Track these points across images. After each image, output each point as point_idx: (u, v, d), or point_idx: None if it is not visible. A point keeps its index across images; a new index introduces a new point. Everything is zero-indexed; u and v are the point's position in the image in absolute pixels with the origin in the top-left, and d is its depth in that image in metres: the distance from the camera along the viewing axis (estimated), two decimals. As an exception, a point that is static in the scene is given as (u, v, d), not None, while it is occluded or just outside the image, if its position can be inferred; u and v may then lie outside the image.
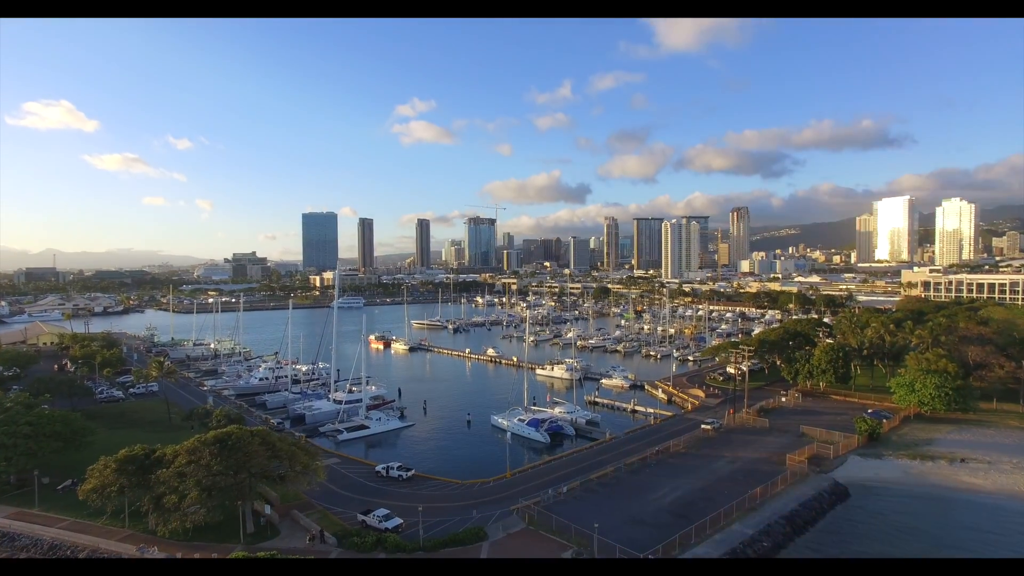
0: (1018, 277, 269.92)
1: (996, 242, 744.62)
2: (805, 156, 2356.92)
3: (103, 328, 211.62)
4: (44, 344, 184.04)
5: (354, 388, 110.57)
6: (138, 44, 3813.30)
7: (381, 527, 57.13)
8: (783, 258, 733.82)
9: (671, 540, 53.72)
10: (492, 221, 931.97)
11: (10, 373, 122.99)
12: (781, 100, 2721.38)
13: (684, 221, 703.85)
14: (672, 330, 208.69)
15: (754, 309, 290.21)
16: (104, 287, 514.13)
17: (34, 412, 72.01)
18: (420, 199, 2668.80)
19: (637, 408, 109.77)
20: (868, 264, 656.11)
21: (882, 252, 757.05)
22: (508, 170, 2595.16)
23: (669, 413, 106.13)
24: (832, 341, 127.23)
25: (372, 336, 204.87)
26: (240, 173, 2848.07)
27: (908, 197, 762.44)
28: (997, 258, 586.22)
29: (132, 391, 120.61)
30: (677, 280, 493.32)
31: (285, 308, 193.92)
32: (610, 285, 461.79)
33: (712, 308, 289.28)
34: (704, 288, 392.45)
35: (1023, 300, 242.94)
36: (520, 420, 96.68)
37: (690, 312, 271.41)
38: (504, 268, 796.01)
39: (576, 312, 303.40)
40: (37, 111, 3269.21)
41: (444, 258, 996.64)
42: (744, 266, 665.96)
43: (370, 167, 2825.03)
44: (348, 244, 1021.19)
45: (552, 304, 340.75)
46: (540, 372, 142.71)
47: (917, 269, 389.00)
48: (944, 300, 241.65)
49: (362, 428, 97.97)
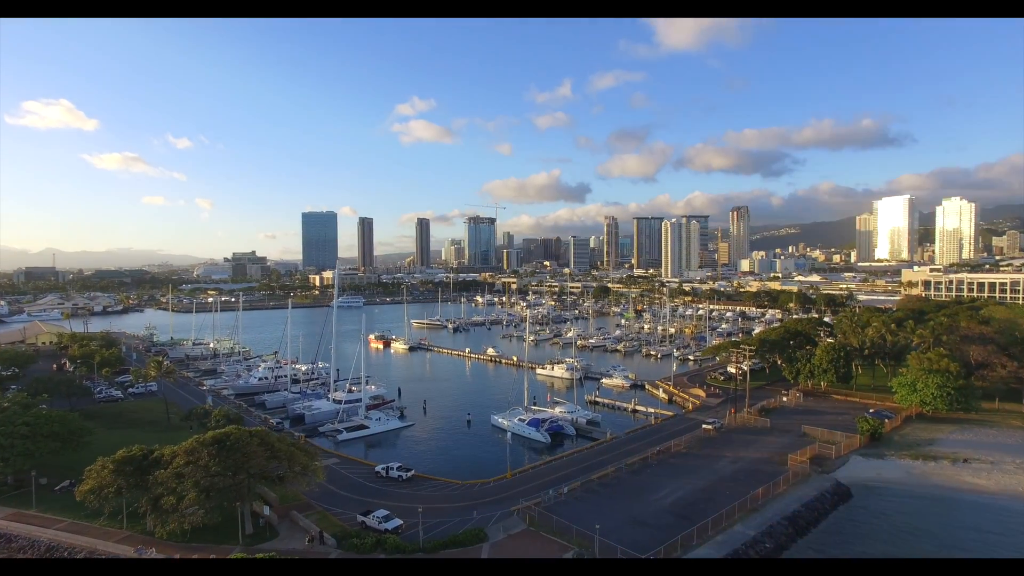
0: (1018, 276, 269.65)
1: (996, 241, 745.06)
2: (805, 155, 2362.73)
3: (102, 328, 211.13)
4: (43, 344, 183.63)
5: (354, 388, 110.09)
6: (138, 43, 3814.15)
7: (381, 528, 56.73)
8: (783, 257, 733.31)
9: (673, 541, 53.36)
10: (492, 220, 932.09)
11: (8, 373, 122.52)
12: (781, 99, 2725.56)
13: (684, 220, 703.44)
14: (672, 329, 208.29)
15: (754, 308, 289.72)
16: (103, 286, 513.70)
17: (32, 412, 71.46)
18: (420, 198, 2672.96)
19: (638, 408, 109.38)
20: (868, 263, 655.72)
21: (882, 251, 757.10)
22: (508, 169, 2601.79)
23: (670, 413, 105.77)
24: (833, 340, 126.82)
25: (372, 336, 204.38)
26: (240, 172, 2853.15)
27: (908, 196, 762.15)
28: (997, 257, 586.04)
29: (131, 391, 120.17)
30: (677, 279, 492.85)
31: (284, 307, 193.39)
32: (610, 284, 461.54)
33: (712, 307, 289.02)
34: (704, 287, 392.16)
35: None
36: (520, 420, 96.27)
37: (690, 311, 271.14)
38: (504, 267, 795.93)
39: (576, 311, 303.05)
40: (37, 110, 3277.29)
41: (444, 257, 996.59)
42: (744, 265, 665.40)
43: (370, 166, 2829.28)
44: (348, 243, 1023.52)
45: (552, 303, 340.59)
46: (540, 372, 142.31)
47: (917, 268, 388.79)
48: (945, 299, 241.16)
49: (362, 428, 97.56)
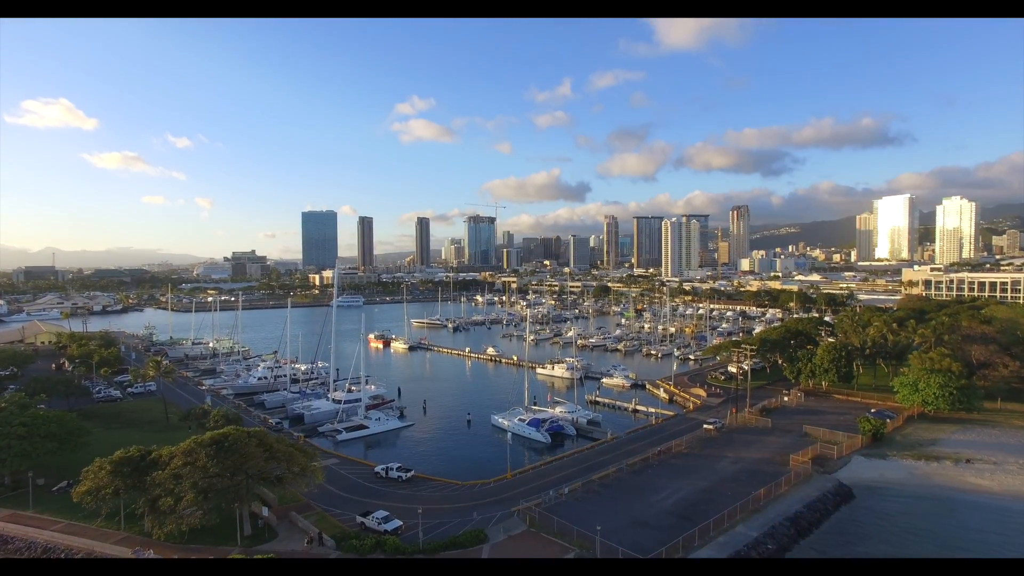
0: (1019, 276, 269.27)
1: (996, 240, 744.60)
2: (805, 154, 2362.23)
3: (101, 327, 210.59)
4: (42, 343, 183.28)
5: (353, 387, 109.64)
6: (138, 43, 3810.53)
7: (380, 529, 56.36)
8: (783, 257, 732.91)
9: (674, 542, 52.98)
10: (492, 220, 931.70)
11: (7, 373, 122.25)
12: (781, 98, 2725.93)
13: (684, 219, 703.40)
14: (673, 329, 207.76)
15: (755, 308, 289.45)
16: (103, 286, 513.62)
17: (29, 412, 70.94)
18: (420, 197, 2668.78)
19: (638, 408, 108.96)
20: (868, 263, 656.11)
21: (882, 251, 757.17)
22: (508, 168, 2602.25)
23: (671, 413, 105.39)
24: (834, 340, 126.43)
25: (371, 335, 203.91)
26: (240, 172, 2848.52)
27: (908, 195, 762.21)
28: (997, 256, 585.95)
29: (130, 391, 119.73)
30: (677, 279, 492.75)
31: (284, 307, 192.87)
32: (610, 284, 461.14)
33: (713, 307, 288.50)
34: (704, 287, 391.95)
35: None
36: (521, 420, 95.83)
37: (690, 311, 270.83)
38: (504, 266, 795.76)
39: (576, 311, 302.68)
40: (36, 109, 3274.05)
41: (444, 256, 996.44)
42: (744, 264, 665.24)
43: (370, 165, 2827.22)
44: (348, 243, 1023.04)
45: (552, 303, 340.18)
46: (541, 371, 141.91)
47: (918, 268, 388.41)
48: (945, 299, 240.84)
49: (361, 428, 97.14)
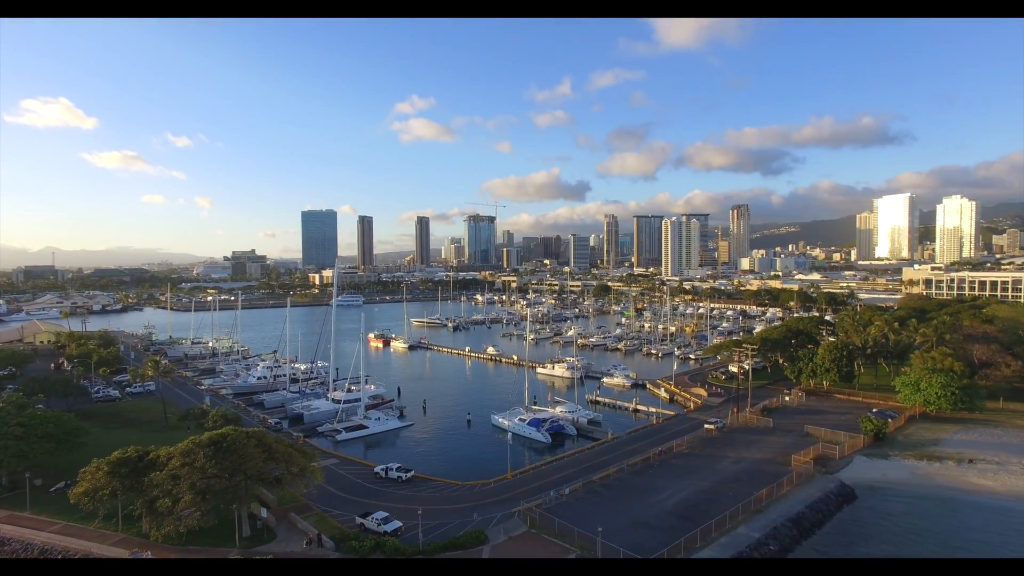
0: (1020, 275, 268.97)
1: (996, 240, 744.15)
2: (805, 153, 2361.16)
3: (101, 326, 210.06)
4: (41, 343, 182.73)
5: (353, 387, 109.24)
6: (137, 42, 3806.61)
7: (380, 530, 55.98)
8: (783, 256, 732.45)
9: (676, 544, 52.61)
10: (492, 219, 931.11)
11: (5, 372, 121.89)
12: (781, 97, 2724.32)
13: (684, 219, 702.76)
14: (673, 328, 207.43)
15: (755, 307, 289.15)
16: (103, 285, 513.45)
17: (26, 413, 70.48)
18: (420, 197, 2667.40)
19: (639, 407, 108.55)
20: (868, 262, 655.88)
21: (882, 250, 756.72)
22: (507, 167, 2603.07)
23: (671, 412, 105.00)
24: (835, 339, 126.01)
25: (371, 334, 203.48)
26: (239, 171, 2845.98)
27: (908, 195, 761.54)
28: (998, 256, 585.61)
29: (128, 390, 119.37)
30: (677, 278, 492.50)
31: (284, 306, 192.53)
32: (610, 283, 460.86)
33: (713, 306, 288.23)
34: (704, 286, 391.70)
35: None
36: (521, 420, 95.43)
37: (691, 310, 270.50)
38: (504, 266, 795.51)
39: (576, 310, 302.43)
40: (35, 108, 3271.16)
41: (444, 256, 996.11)
42: (744, 264, 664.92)
43: (369, 165, 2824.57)
44: (348, 242, 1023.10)
45: (552, 302, 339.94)
46: (541, 371, 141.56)
47: (918, 267, 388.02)
48: (946, 298, 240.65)
49: (361, 428, 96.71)
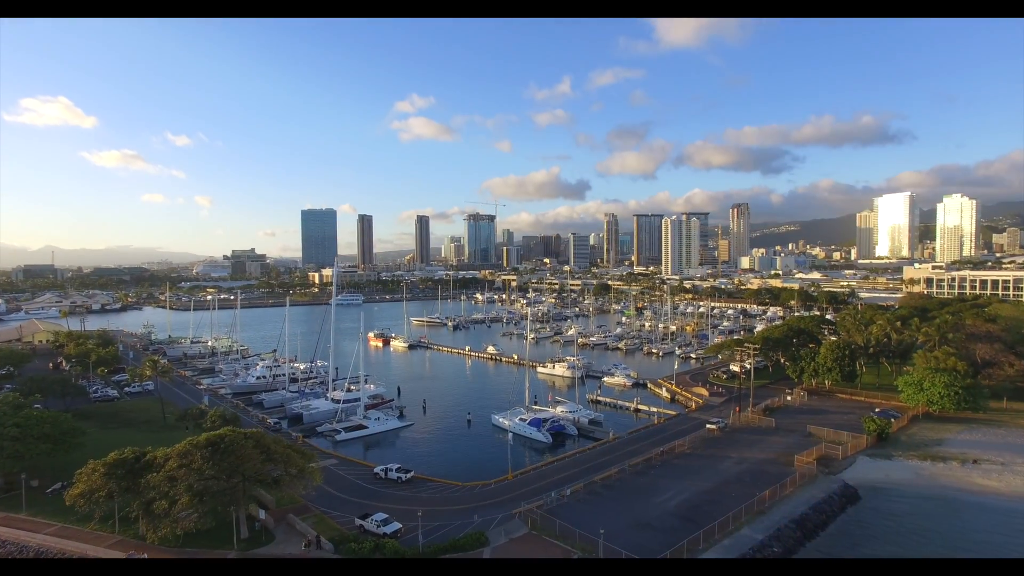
0: (1021, 273, 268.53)
1: (996, 238, 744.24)
2: (805, 152, 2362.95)
3: (100, 326, 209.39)
4: (39, 342, 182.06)
5: (352, 387, 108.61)
6: (137, 41, 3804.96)
7: (379, 532, 55.38)
8: (783, 255, 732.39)
9: (679, 545, 52.06)
10: (492, 218, 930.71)
11: (3, 372, 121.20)
12: (781, 96, 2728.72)
13: (684, 218, 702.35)
14: (674, 327, 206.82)
15: (756, 306, 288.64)
16: (102, 284, 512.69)
17: (23, 413, 69.74)
18: (419, 196, 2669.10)
19: (640, 407, 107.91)
20: (869, 261, 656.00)
21: (882, 249, 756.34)
22: (507, 166, 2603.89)
23: (673, 412, 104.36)
24: (836, 339, 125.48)
25: (371, 334, 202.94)
26: (239, 170, 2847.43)
27: (909, 193, 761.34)
28: (998, 254, 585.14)
29: (127, 390, 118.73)
30: (678, 277, 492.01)
31: (283, 305, 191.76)
32: (610, 282, 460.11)
33: (713, 305, 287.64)
34: (705, 285, 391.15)
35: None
36: (521, 420, 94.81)
37: (691, 309, 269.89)
38: (504, 265, 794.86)
39: (576, 309, 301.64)
40: (35, 107, 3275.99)
41: (444, 255, 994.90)
42: (744, 263, 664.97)
43: (369, 164, 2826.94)
44: (347, 241, 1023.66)
45: (552, 301, 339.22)
46: (541, 370, 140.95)
47: (919, 266, 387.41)
48: (947, 297, 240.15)
49: (360, 428, 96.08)
